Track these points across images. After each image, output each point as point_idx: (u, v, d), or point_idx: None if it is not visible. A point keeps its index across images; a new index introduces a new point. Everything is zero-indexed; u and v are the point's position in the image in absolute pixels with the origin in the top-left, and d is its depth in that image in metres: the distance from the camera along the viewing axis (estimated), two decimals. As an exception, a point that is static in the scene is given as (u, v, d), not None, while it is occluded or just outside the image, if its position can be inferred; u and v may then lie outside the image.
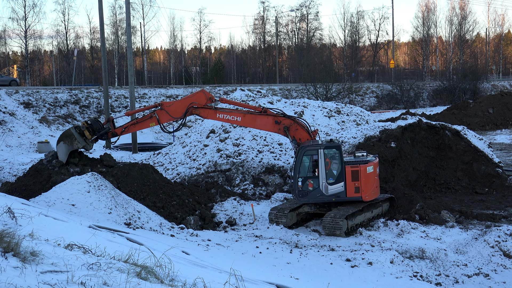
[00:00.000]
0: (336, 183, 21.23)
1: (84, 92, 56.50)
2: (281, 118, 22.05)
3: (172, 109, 23.08)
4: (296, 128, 21.89)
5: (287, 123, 21.97)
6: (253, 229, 21.86)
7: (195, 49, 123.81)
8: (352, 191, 21.17)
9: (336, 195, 21.24)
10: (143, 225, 19.83)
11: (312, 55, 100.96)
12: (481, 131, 47.76)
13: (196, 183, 27.56)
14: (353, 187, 21.13)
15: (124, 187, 22.84)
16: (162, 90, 63.17)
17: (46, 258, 6.92)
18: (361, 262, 17.44)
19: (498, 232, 18.70)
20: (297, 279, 15.04)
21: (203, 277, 7.33)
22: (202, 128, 34.00)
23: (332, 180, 21.24)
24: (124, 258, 7.95)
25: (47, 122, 48.73)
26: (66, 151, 23.51)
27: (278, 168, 28.01)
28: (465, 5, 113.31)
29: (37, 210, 13.15)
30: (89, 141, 23.41)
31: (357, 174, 21.10)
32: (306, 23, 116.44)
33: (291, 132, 21.87)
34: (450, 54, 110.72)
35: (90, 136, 23.31)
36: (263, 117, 22.44)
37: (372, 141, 28.12)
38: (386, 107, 76.58)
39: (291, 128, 21.91)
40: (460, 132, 28.64)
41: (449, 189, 26.88)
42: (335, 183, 21.24)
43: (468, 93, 79.77)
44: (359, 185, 21.11)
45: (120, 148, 44.64)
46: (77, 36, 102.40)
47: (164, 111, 22.98)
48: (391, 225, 21.27)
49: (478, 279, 16.54)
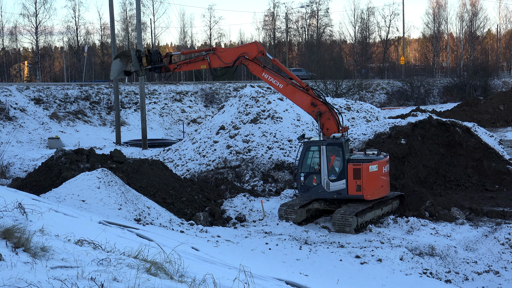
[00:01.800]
0: (337, 180, 21.24)
1: (94, 88, 56.62)
2: (319, 102, 21.91)
3: (224, 55, 23.00)
4: (328, 118, 21.79)
5: (322, 109, 21.83)
6: (263, 226, 21.88)
7: (205, 45, 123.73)
8: (354, 189, 21.13)
9: (337, 192, 21.26)
10: (153, 221, 19.88)
11: (322, 51, 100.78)
12: (491, 128, 47.52)
13: (205, 179, 27.59)
14: (355, 185, 21.09)
15: (134, 183, 22.90)
16: (172, 86, 63.22)
17: (56, 254, 6.94)
18: (371, 259, 17.42)
19: (508, 229, 18.63)
20: (306, 276, 15.04)
21: (213, 273, 7.34)
22: (212, 125, 34.02)
23: (334, 177, 21.25)
24: (134, 254, 7.97)
25: (57, 118, 48.89)
26: (119, 69, 23.22)
27: (287, 165, 28.00)
28: (476, 1, 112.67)
29: (48, 205, 13.18)
30: (143, 68, 23.21)
31: (359, 172, 21.03)
32: (316, 19, 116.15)
33: (322, 119, 21.81)
34: (461, 50, 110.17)
35: (146, 64, 23.15)
36: (303, 94, 22.27)
37: (382, 137, 28.05)
38: (396, 103, 76.33)
39: (324, 115, 21.81)
40: (470, 129, 28.53)
41: (459, 186, 26.78)
42: (336, 180, 21.24)
43: (479, 90, 79.39)
44: (361, 184, 21.06)
45: (130, 144, 44.79)
46: (87, 33, 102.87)
47: (216, 56, 22.86)
48: (400, 222, 21.23)
49: (488, 276, 16.48)
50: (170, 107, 58.36)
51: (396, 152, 26.92)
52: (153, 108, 56.89)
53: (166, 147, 36.72)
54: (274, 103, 33.87)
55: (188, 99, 61.06)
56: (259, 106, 33.54)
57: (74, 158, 24.71)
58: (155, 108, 57.14)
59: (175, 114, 57.46)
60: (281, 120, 32.24)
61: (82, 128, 49.28)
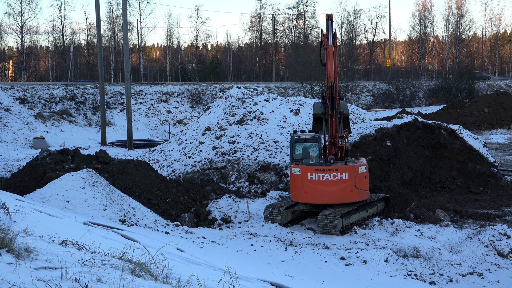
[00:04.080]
0: None
1: (80, 88, 56.39)
2: None
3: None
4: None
5: None
6: (248, 227, 21.87)
7: (191, 46, 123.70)
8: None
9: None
10: (138, 222, 19.82)
11: (308, 53, 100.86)
12: (476, 131, 47.84)
13: (191, 180, 27.55)
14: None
15: (119, 183, 22.82)
16: (158, 87, 63.10)
17: (40, 255, 6.91)
18: (356, 261, 17.45)
19: (492, 231, 18.71)
20: (291, 277, 15.04)
21: (198, 274, 7.33)
22: (198, 125, 33.98)
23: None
24: (119, 255, 7.94)
25: (42, 118, 48.64)
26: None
27: (273, 166, 28.01)
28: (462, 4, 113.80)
29: (32, 206, 13.11)
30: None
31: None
32: (303, 21, 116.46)
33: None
34: (447, 53, 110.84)
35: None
36: None
37: (367, 139, 28.14)
38: (382, 105, 76.63)
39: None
40: (455, 131, 28.67)
41: (444, 188, 26.91)
42: None
43: (464, 93, 79.91)
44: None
45: (116, 144, 44.65)
46: (73, 32, 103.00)
47: None
48: (386, 224, 21.29)
49: (472, 278, 16.56)
50: (156, 107, 58.24)
51: (381, 154, 27.02)
52: (139, 108, 56.76)
53: (152, 148, 36.64)
54: (260, 105, 33.87)
55: (174, 100, 60.96)
56: (245, 107, 33.53)
57: (59, 159, 24.60)
58: (141, 108, 57.00)
59: (161, 115, 57.34)
60: (267, 122, 32.25)
61: (67, 128, 49.05)
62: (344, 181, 21.03)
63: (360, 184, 21.22)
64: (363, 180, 21.31)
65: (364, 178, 21.43)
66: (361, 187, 21.26)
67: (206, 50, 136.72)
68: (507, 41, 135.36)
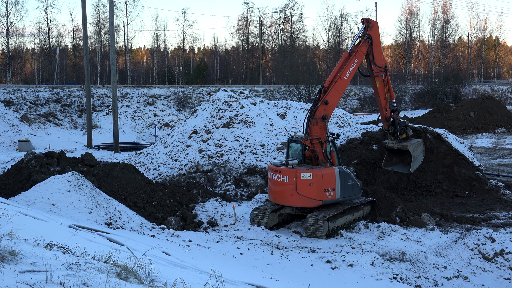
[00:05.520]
0: None
1: (66, 90, 56.16)
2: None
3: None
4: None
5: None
6: (234, 230, 21.84)
7: (178, 49, 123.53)
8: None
9: None
10: (124, 225, 19.74)
11: (295, 56, 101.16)
12: (462, 135, 48.12)
13: (177, 183, 27.49)
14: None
15: (105, 186, 22.73)
16: (145, 89, 62.97)
17: (25, 258, 6.86)
18: (342, 264, 17.47)
19: (477, 235, 18.81)
20: (277, 281, 15.03)
21: (184, 277, 7.31)
22: (185, 129, 33.93)
23: None
24: (104, 258, 7.91)
25: (28, 120, 48.39)
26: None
27: (260, 169, 28.01)
28: (448, 9, 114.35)
29: (17, 209, 13.03)
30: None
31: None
32: (290, 24, 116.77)
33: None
34: (433, 57, 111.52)
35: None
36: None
37: (354, 143, 28.21)
38: (369, 109, 76.90)
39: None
40: (441, 135, 28.79)
41: (429, 192, 27.00)
42: None
43: (450, 97, 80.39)
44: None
45: (102, 147, 44.50)
46: (59, 34, 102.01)
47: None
48: (372, 227, 21.35)
49: (457, 282, 16.64)
50: (142, 110, 58.10)
51: (368, 157, 27.10)
52: (125, 111, 56.60)
53: (138, 151, 36.54)
54: (247, 108, 33.87)
55: (160, 103, 60.85)
56: (232, 110, 33.52)
57: (45, 161, 24.45)
58: (127, 111, 56.85)
59: (147, 118, 57.22)
60: (254, 125, 32.25)
61: (53, 131, 48.82)
62: (285, 184, 21.24)
63: (303, 190, 21.00)
64: (307, 187, 20.94)
65: (309, 185, 20.94)
66: (303, 193, 20.98)
67: (193, 53, 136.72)
68: (492, 45, 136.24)
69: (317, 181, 20.90)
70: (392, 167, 24.95)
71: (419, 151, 25.32)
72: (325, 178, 21.09)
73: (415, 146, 24.91)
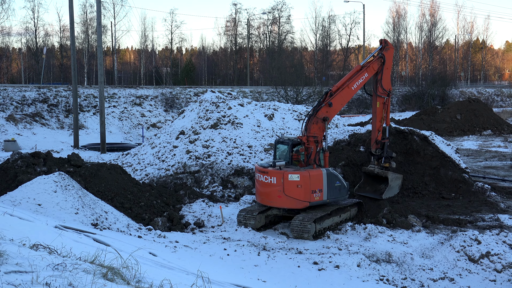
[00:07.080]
0: None
1: (52, 90, 55.90)
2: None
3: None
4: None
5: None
6: (221, 231, 21.82)
7: (166, 50, 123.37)
8: None
9: None
10: (110, 226, 19.67)
11: (283, 58, 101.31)
12: (448, 137, 48.33)
13: (164, 184, 27.44)
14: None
15: (91, 187, 22.65)
16: (132, 90, 62.81)
17: (11, 258, 6.82)
18: (328, 265, 17.49)
19: (463, 237, 18.90)
20: (264, 282, 15.03)
21: (170, 278, 7.30)
22: (172, 129, 33.87)
23: None
24: (91, 259, 7.88)
25: (14, 120, 48.13)
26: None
27: (247, 171, 28.01)
28: (435, 12, 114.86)
29: (2, 209, 12.97)
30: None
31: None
32: (278, 26, 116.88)
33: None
34: (420, 60, 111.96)
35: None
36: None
37: (341, 145, 28.28)
38: (356, 111, 77.06)
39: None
40: (428, 137, 28.90)
41: (416, 194, 27.08)
42: None
43: (437, 99, 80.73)
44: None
45: (89, 148, 44.31)
46: (46, 34, 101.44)
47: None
48: (358, 229, 21.39)
49: (443, 283, 16.71)
50: (129, 111, 57.95)
51: (355, 159, 27.16)
52: (113, 111, 56.43)
53: (125, 152, 36.42)
54: (234, 109, 33.87)
55: (148, 103, 60.71)
56: (220, 111, 33.51)
57: (31, 161, 24.33)
58: (114, 111, 56.67)
59: (134, 118, 57.07)
60: (241, 126, 32.25)
61: (39, 131, 48.59)
62: (273, 185, 21.32)
63: (290, 192, 21.08)
64: (295, 189, 21.02)
65: (296, 187, 21.02)
66: (291, 194, 21.07)
67: (181, 54, 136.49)
68: (479, 48, 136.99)
69: (304, 183, 20.94)
70: (365, 193, 25.20)
71: (397, 184, 25.62)
72: (313, 180, 21.15)
73: (395, 177, 25.42)
